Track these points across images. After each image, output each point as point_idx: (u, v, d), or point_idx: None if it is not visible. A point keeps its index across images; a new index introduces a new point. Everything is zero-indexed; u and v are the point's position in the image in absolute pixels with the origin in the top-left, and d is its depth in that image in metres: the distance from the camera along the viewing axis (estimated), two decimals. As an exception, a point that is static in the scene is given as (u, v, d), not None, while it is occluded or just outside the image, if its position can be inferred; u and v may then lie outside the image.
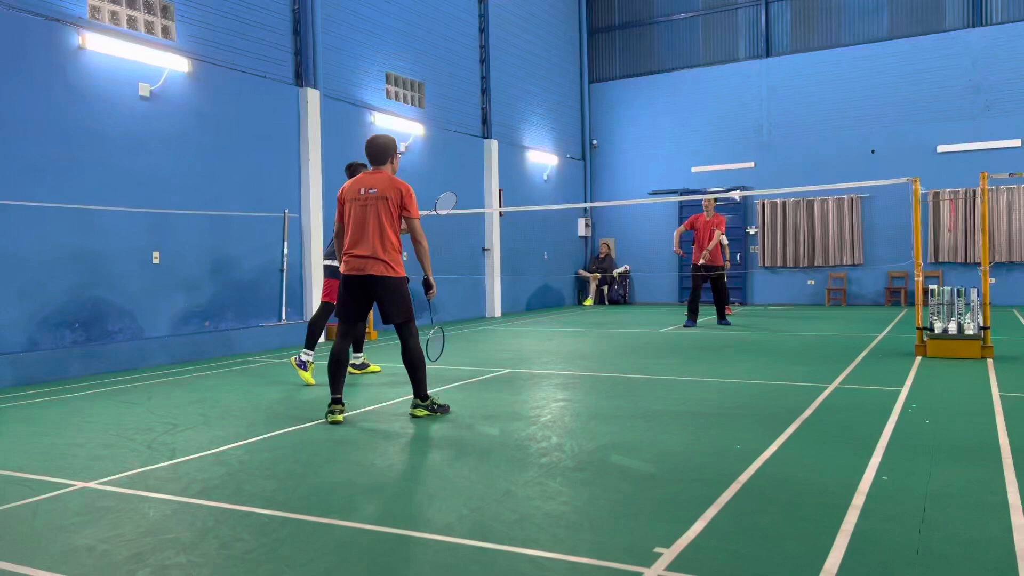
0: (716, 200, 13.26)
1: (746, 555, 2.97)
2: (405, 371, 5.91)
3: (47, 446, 5.09)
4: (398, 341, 6.03)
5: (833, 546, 3.02)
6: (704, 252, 12.72)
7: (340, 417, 5.65)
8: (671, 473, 4.15)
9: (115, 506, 3.76)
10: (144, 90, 9.44)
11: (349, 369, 8.19)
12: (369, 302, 5.78)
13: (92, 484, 4.15)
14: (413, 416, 5.79)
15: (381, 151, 5.77)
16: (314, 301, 11.68)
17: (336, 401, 5.70)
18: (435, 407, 5.83)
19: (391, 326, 5.92)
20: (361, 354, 8.18)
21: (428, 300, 5.93)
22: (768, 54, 18.31)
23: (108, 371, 8.66)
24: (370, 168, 5.85)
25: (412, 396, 5.87)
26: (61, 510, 3.73)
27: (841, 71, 17.48)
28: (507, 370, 8.17)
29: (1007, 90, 16.06)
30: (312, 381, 7.44)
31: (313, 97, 11.71)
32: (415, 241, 5.73)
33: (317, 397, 6.61)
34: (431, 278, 5.77)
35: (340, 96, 12.53)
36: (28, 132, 8.26)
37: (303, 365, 7.46)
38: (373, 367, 8.27)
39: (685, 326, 12.76)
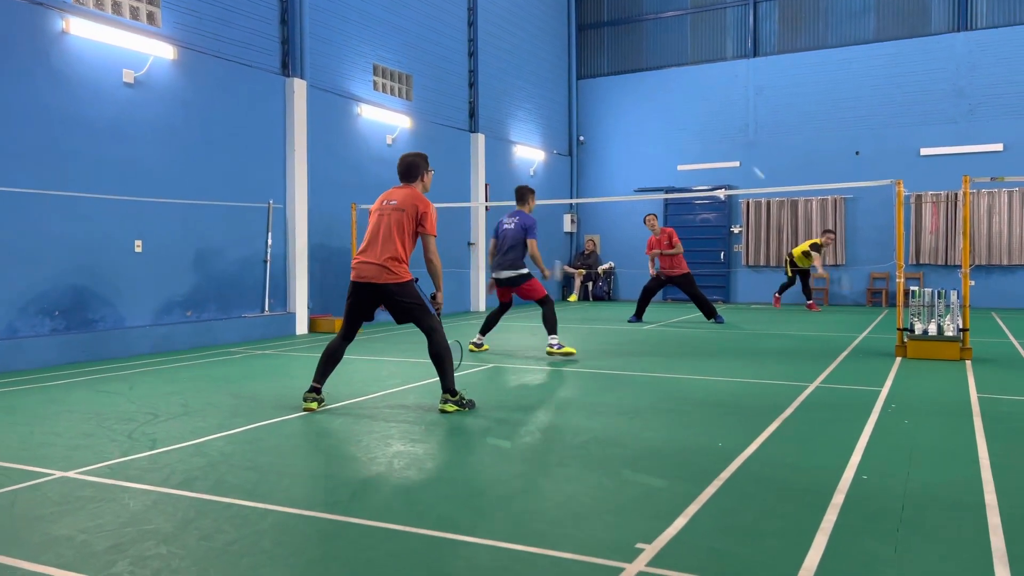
0: (655, 215, 13.55)
1: (727, 552, 3.00)
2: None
3: (25, 434, 5.04)
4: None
5: (813, 544, 3.05)
6: (663, 259, 13.17)
7: (314, 405, 5.70)
8: (653, 469, 4.17)
9: (95, 496, 3.73)
10: (128, 77, 9.34)
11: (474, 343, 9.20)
12: (374, 307, 5.79)
13: (71, 473, 4.12)
14: (443, 412, 5.62)
15: (410, 168, 5.89)
16: (298, 292, 11.63)
17: (314, 390, 5.75)
18: (464, 402, 5.72)
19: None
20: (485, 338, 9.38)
21: (436, 311, 5.87)
22: (755, 54, 18.38)
23: (88, 359, 8.58)
24: (400, 184, 5.92)
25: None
26: (40, 500, 3.69)
27: (827, 72, 17.58)
28: (490, 365, 8.17)
29: (990, 94, 16.20)
30: (573, 351, 8.52)
31: (299, 87, 11.63)
32: (427, 259, 5.74)
33: (299, 389, 6.58)
34: (440, 295, 5.81)
35: (327, 87, 12.45)
36: (9, 117, 8.15)
37: (559, 347, 8.40)
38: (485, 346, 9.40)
39: (629, 320, 13.28)
